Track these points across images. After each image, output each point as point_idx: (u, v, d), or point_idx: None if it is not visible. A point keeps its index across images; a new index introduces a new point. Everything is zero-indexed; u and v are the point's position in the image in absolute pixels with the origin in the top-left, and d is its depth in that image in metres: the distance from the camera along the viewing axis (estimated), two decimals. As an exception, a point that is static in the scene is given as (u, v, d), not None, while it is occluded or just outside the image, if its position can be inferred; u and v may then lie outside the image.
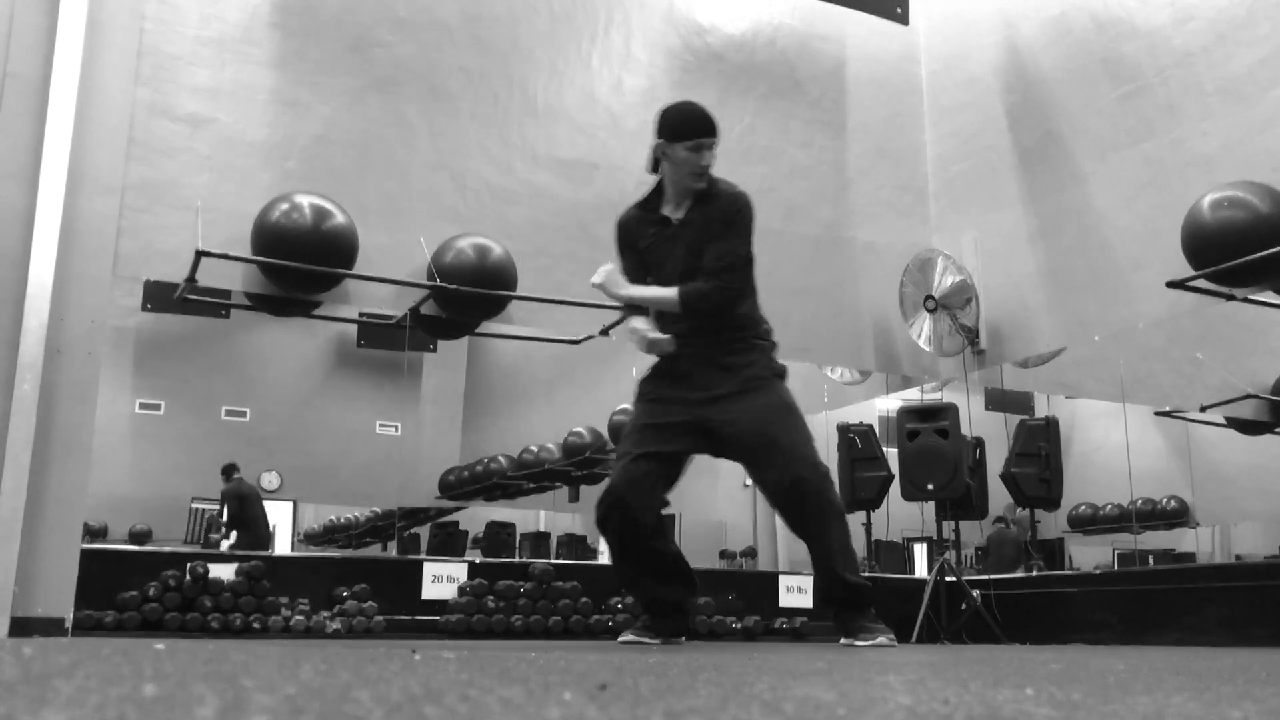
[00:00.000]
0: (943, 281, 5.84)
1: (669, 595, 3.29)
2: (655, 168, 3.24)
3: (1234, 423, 5.64)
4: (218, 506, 7.35)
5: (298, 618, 4.55)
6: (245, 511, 7.23)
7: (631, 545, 3.21)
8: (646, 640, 3.19)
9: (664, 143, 3.16)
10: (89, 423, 4.13)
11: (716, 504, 8.77)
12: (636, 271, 3.27)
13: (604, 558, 8.43)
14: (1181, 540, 6.53)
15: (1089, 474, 7.11)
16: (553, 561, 5.62)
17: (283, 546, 7.90)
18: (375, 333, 7.21)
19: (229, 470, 7.26)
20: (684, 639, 3.37)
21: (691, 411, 3.14)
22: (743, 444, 3.15)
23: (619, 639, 3.36)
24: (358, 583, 4.75)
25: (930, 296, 5.85)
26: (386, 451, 7.61)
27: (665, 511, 3.30)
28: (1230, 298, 4.48)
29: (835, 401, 7.16)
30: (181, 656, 1.32)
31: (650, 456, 3.13)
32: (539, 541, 8.03)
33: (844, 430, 6.57)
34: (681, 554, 3.35)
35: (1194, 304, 4.66)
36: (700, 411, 3.13)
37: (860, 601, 3.20)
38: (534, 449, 8.07)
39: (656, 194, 3.27)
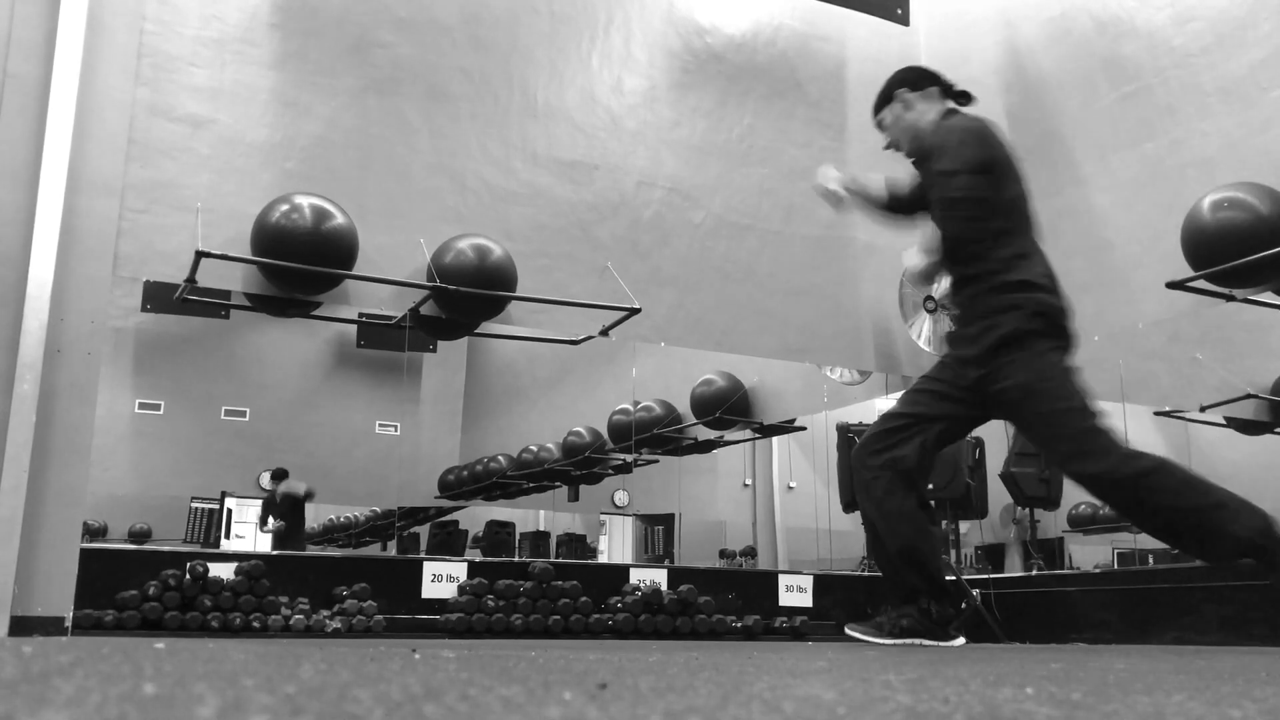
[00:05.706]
0: (943, 282, 5.84)
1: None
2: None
3: (1234, 423, 5.63)
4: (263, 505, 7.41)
5: (297, 617, 4.55)
6: (292, 515, 7.30)
7: None
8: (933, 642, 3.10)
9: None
10: (89, 422, 4.12)
11: (716, 503, 8.77)
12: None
13: (603, 556, 8.47)
14: (1181, 540, 6.51)
15: (1089, 474, 7.08)
16: (552, 560, 5.62)
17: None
18: (375, 333, 7.22)
19: (280, 474, 7.30)
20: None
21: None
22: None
23: (897, 640, 3.22)
24: (357, 582, 4.75)
25: (930, 297, 5.84)
26: (386, 451, 7.61)
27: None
28: (1230, 298, 4.48)
29: (835, 401, 7.15)
30: (181, 656, 1.32)
31: None
32: (539, 541, 8.04)
33: (844, 430, 6.57)
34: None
35: (1194, 304, 4.65)
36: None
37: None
38: (533, 449, 8.08)
39: None
